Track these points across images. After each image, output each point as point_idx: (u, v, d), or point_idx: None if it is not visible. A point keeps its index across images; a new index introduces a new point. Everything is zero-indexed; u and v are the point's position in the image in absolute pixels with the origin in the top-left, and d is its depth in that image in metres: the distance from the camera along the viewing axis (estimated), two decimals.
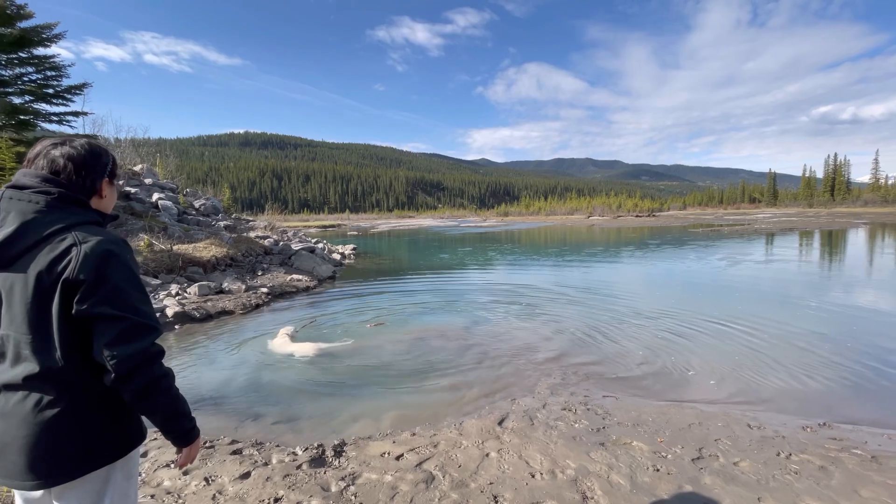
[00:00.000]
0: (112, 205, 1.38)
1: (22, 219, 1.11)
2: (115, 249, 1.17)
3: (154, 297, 7.87)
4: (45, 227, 1.12)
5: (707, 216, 72.48)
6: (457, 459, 2.97)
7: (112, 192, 1.36)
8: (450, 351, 5.63)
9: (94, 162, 1.26)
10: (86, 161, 1.24)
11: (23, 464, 1.11)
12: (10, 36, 9.12)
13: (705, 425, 3.48)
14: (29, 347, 1.11)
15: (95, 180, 1.27)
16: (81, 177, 1.23)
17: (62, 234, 1.13)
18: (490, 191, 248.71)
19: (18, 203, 1.13)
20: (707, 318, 6.89)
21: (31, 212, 1.12)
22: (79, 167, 1.23)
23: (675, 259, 15.80)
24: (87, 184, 1.25)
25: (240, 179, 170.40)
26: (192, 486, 2.70)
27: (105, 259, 1.13)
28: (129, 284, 1.17)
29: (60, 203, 1.17)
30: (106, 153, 1.32)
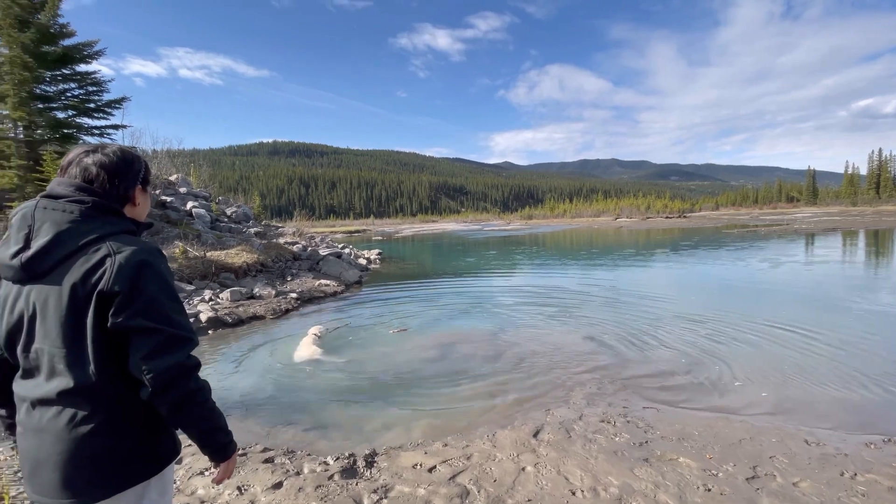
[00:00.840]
0: (146, 212, 1.35)
1: (56, 229, 1.09)
2: (150, 259, 1.14)
3: (188, 302, 8.07)
4: (79, 238, 1.10)
5: (742, 216, 69.78)
6: (491, 473, 2.86)
7: (145, 199, 1.33)
8: (478, 357, 5.52)
9: (126, 169, 1.23)
10: (118, 168, 1.21)
11: (57, 481, 1.09)
12: (53, 54, 9.61)
13: (757, 441, 3.25)
14: (63, 361, 1.08)
15: (128, 188, 1.24)
16: (115, 185, 1.20)
17: (96, 245, 1.10)
18: (513, 194, 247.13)
19: (53, 213, 1.10)
20: (752, 324, 6.53)
21: (66, 222, 1.10)
22: (112, 175, 1.19)
23: (711, 261, 15.20)
24: (120, 192, 1.21)
25: (269, 187, 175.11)
26: (226, 495, 2.68)
27: (140, 269, 1.10)
28: (164, 295, 1.14)
29: (95, 212, 1.14)
30: (138, 160, 1.29)
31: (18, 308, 1.11)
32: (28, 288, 1.10)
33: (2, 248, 1.12)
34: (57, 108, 10.18)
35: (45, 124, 9.80)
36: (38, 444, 1.10)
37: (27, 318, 1.10)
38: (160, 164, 18.33)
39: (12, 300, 1.12)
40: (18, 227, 1.11)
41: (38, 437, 1.10)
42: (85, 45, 10.22)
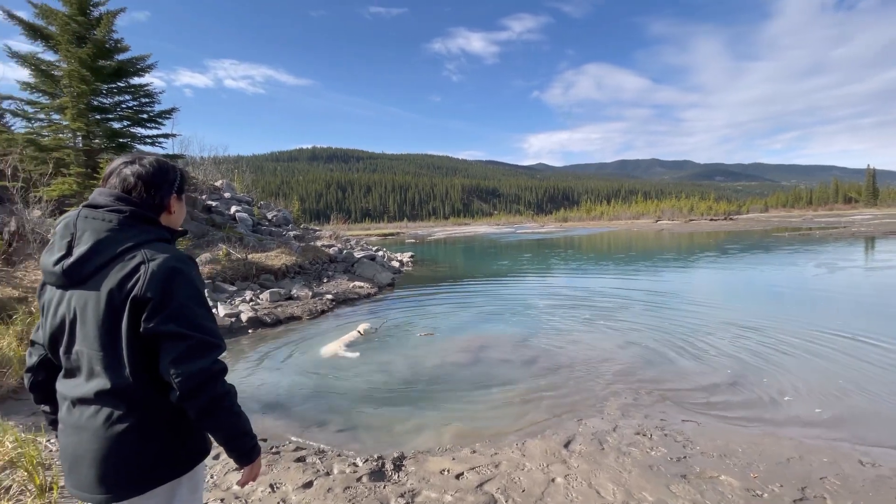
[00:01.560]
0: (181, 220, 1.40)
1: (96, 237, 1.15)
2: (181, 267, 1.18)
3: (230, 303, 8.42)
4: (117, 246, 1.15)
5: (793, 218, 65.74)
6: (520, 483, 2.80)
7: (180, 207, 1.38)
8: (509, 363, 5.45)
9: (161, 179, 1.29)
10: (154, 178, 1.27)
11: (94, 477, 1.14)
12: (109, 67, 10.28)
13: (807, 460, 3.03)
14: (101, 364, 1.14)
15: (164, 197, 1.30)
16: (151, 195, 1.26)
17: (132, 252, 1.16)
18: (548, 196, 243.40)
19: (93, 222, 1.17)
20: (805, 333, 6.12)
21: (105, 230, 1.16)
22: (148, 185, 1.26)
23: (760, 265, 14.39)
24: (156, 201, 1.27)
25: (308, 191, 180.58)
26: (259, 491, 2.76)
27: (171, 277, 1.15)
28: (193, 302, 1.18)
29: (132, 221, 1.20)
30: (173, 169, 1.35)
31: (61, 312, 1.17)
32: (70, 293, 1.16)
33: (46, 255, 1.18)
34: (112, 119, 10.90)
35: (101, 134, 10.51)
36: (77, 441, 1.16)
37: (69, 321, 1.16)
38: (206, 171, 19.28)
39: (55, 304, 1.19)
40: (62, 235, 1.18)
41: (78, 434, 1.16)
42: (138, 59, 10.89)
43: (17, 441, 2.80)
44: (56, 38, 9.85)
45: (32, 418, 3.74)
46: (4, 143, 10.24)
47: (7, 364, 4.33)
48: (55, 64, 10.10)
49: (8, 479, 2.61)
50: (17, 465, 2.68)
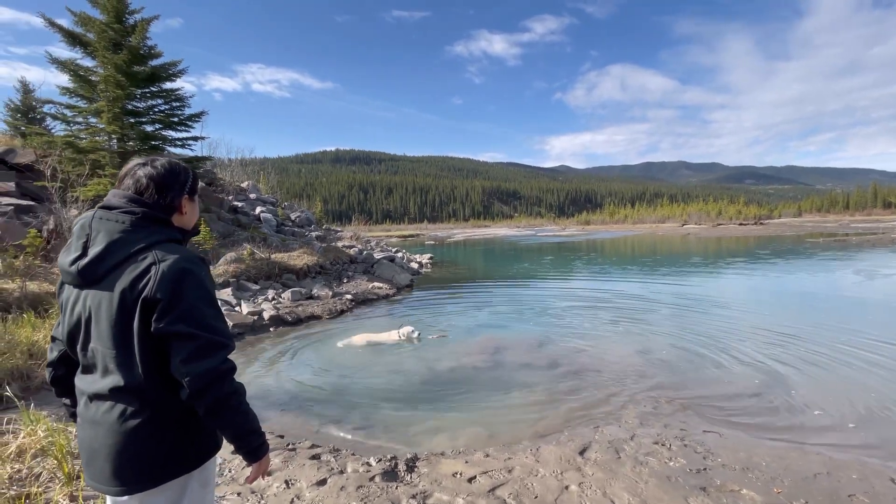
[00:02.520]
0: (193, 220, 1.43)
1: (109, 238, 1.19)
2: (191, 268, 1.21)
3: (253, 301, 8.61)
4: (129, 246, 1.19)
5: (829, 224, 63.12)
6: (533, 489, 2.77)
7: (192, 207, 1.41)
8: (526, 367, 5.40)
9: (173, 181, 1.32)
10: (165, 180, 1.30)
11: (109, 470, 1.18)
12: (143, 73, 10.71)
13: (835, 476, 2.90)
14: (114, 361, 1.17)
15: (175, 198, 1.32)
16: (163, 195, 1.29)
17: (144, 253, 1.19)
18: (570, 198, 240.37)
19: (107, 223, 1.20)
20: (840, 345, 5.85)
21: (118, 231, 1.19)
22: (160, 186, 1.29)
23: (792, 271, 13.86)
24: (167, 202, 1.30)
25: (331, 193, 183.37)
26: (274, 487, 2.82)
27: (181, 278, 1.17)
28: (203, 302, 1.21)
29: (144, 222, 1.23)
30: (185, 171, 1.37)
31: (77, 310, 1.22)
32: (85, 292, 1.21)
33: (63, 255, 1.23)
34: (146, 122, 11.34)
35: (135, 136, 10.95)
36: (94, 435, 1.20)
37: (84, 319, 1.21)
38: (233, 172, 19.81)
39: (72, 303, 1.23)
40: (78, 236, 1.22)
41: (94, 428, 1.20)
42: (170, 64, 11.30)
43: (48, 430, 2.93)
44: (94, 44, 10.31)
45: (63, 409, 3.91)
46: (45, 145, 10.77)
47: (42, 356, 4.54)
48: (93, 70, 10.57)
49: (38, 467, 2.73)
50: (48, 454, 2.80)
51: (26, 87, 15.51)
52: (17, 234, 7.66)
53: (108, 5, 10.39)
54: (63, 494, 2.49)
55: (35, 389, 4.26)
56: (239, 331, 7.20)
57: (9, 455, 2.77)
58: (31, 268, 7.14)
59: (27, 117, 14.81)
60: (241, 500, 2.67)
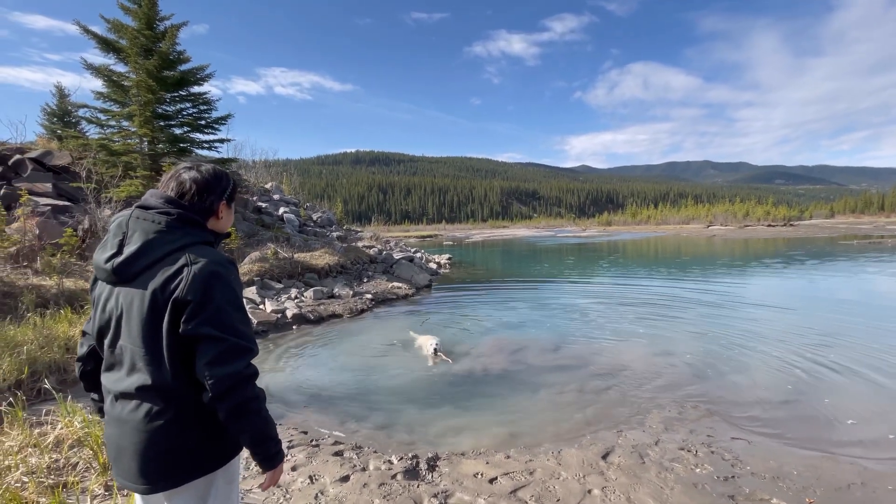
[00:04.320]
0: (227, 225, 1.47)
1: (144, 238, 1.21)
2: (221, 271, 1.23)
3: (277, 299, 8.78)
4: (164, 247, 1.22)
5: (863, 225, 60.59)
6: (555, 492, 2.75)
7: (229, 213, 1.45)
8: (547, 369, 5.36)
9: (215, 185, 1.36)
10: (209, 184, 1.35)
11: (136, 468, 1.21)
12: (172, 78, 11.08)
13: (870, 487, 2.79)
14: (142, 360, 1.19)
15: (214, 202, 1.36)
16: (203, 198, 1.33)
17: (177, 254, 1.22)
18: (590, 199, 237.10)
19: (143, 223, 1.23)
20: (877, 352, 5.61)
21: (153, 231, 1.22)
22: (202, 189, 1.33)
23: (825, 274, 13.36)
24: (206, 205, 1.34)
25: (351, 194, 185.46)
26: (298, 482, 2.87)
27: (211, 281, 1.19)
28: (231, 306, 1.22)
29: (179, 223, 1.26)
30: (227, 178, 1.42)
31: (109, 307, 1.25)
32: (118, 289, 1.23)
33: (99, 252, 1.26)
34: (175, 125, 11.71)
35: (164, 139, 11.33)
36: (120, 433, 1.23)
37: (115, 316, 1.23)
38: (257, 174, 20.25)
39: (104, 299, 1.26)
40: (115, 234, 1.25)
41: (120, 426, 1.23)
42: (198, 69, 11.64)
43: (84, 422, 3.05)
44: (126, 50, 10.70)
45: None
46: (80, 147, 11.23)
47: None
48: (125, 75, 10.97)
49: (76, 457, 2.85)
50: (84, 444, 2.92)
51: (62, 92, 16.19)
52: (54, 233, 8.01)
53: (140, 12, 10.77)
54: (98, 484, 2.60)
55: (72, 382, 4.44)
56: (263, 328, 7.35)
57: (47, 445, 2.90)
58: (67, 265, 7.45)
59: (63, 121, 15.46)
60: (266, 493, 2.72)
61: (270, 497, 2.69)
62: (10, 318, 5.42)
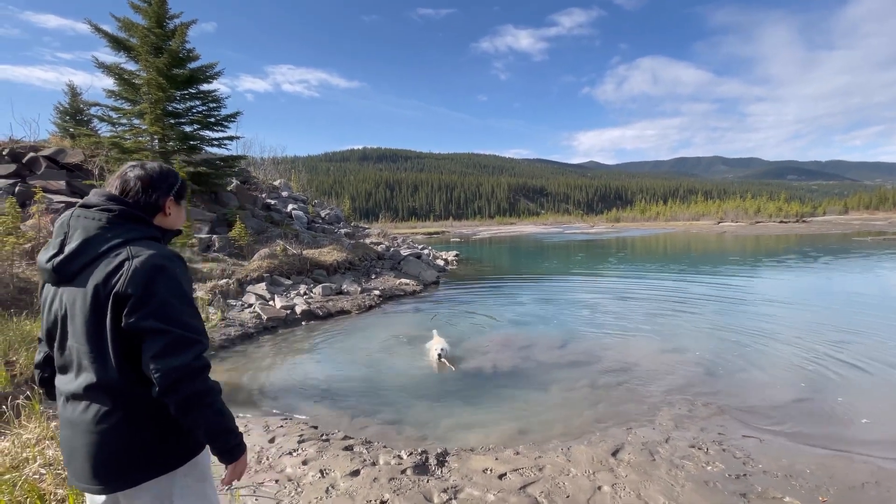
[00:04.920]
0: (179, 222, 1.44)
1: (85, 235, 1.19)
2: (165, 264, 1.19)
3: (286, 295, 8.85)
4: (104, 243, 1.19)
5: (878, 221, 59.54)
6: (564, 488, 2.75)
7: (178, 210, 1.42)
8: (556, 366, 5.35)
9: (160, 181, 1.34)
10: (153, 180, 1.32)
11: (88, 470, 1.18)
12: (182, 76, 11.16)
13: (885, 486, 2.76)
14: (88, 358, 1.16)
15: (160, 198, 1.34)
16: (147, 194, 1.31)
17: (119, 249, 1.19)
18: (598, 195, 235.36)
19: (84, 220, 1.21)
20: (889, 350, 5.54)
21: (94, 228, 1.20)
22: (146, 186, 1.31)
23: (839, 271, 13.16)
24: (151, 201, 1.32)
25: (358, 191, 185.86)
26: (310, 476, 2.90)
27: (153, 273, 1.16)
28: (176, 298, 1.19)
29: (121, 220, 1.23)
30: (174, 175, 1.40)
31: (55, 308, 1.23)
32: (62, 289, 1.21)
33: (42, 253, 1.24)
34: (185, 123, 11.81)
35: (175, 137, 11.43)
36: (72, 435, 1.20)
37: (60, 317, 1.21)
38: (266, 171, 20.39)
39: (50, 301, 1.24)
40: (56, 234, 1.23)
41: (72, 428, 1.20)
42: (207, 67, 11.71)
43: None
44: (137, 49, 10.79)
45: None
46: (93, 145, 11.37)
47: None
48: (136, 73, 11.07)
49: None
50: None
51: (74, 90, 16.35)
52: None
53: (150, 11, 10.85)
54: None
55: None
56: (272, 324, 7.42)
57: None
58: None
59: (75, 119, 15.63)
60: (278, 487, 2.76)
61: (283, 490, 2.72)
62: (27, 314, 5.52)
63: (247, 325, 7.09)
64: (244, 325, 7.03)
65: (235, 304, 8.02)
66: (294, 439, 3.41)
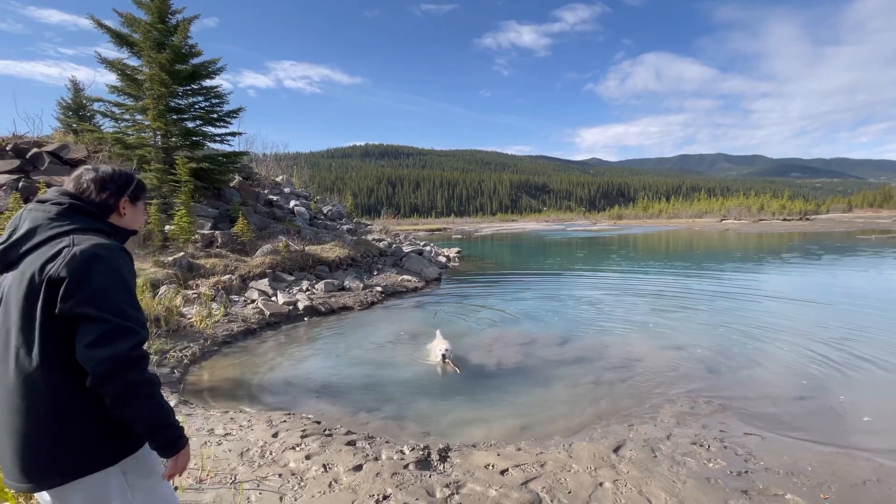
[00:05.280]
0: (136, 223, 1.45)
1: (31, 224, 1.20)
2: (105, 253, 1.17)
3: (289, 291, 8.88)
4: (49, 231, 1.19)
5: (882, 220, 59.23)
6: (566, 484, 2.76)
7: (134, 210, 1.42)
8: (558, 363, 5.36)
9: (112, 182, 1.36)
10: (105, 181, 1.34)
11: (16, 465, 1.13)
12: (184, 71, 11.15)
13: (886, 483, 2.76)
14: (16, 346, 1.12)
15: (112, 196, 1.35)
16: (99, 193, 1.33)
17: (62, 238, 1.18)
18: (601, 192, 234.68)
19: (34, 213, 1.24)
20: (892, 348, 5.53)
21: (42, 219, 1.21)
22: (99, 186, 1.33)
23: (842, 269, 13.11)
24: (104, 199, 1.33)
25: (360, 187, 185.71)
26: (313, 470, 2.92)
27: (92, 260, 1.13)
28: (115, 287, 1.16)
29: (69, 212, 1.24)
30: (129, 176, 1.42)
31: None
32: (5, 276, 1.21)
33: None
34: (187, 119, 11.81)
35: (177, 133, 11.43)
36: (0, 429, 1.14)
37: (3, 304, 1.18)
38: (269, 167, 20.37)
39: None
40: (9, 226, 1.25)
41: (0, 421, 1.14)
42: (209, 62, 11.70)
43: None
44: (139, 44, 10.79)
45: None
46: (96, 141, 11.39)
47: None
48: (138, 69, 11.07)
49: None
50: None
51: (76, 86, 16.37)
52: None
53: (152, 6, 10.84)
54: None
55: None
56: (275, 320, 7.45)
57: None
58: None
59: (78, 115, 15.66)
60: (282, 481, 2.78)
61: (286, 484, 2.74)
62: None
63: (249, 320, 7.12)
64: (247, 321, 7.06)
65: (238, 299, 8.04)
66: (297, 434, 3.43)
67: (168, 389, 4.46)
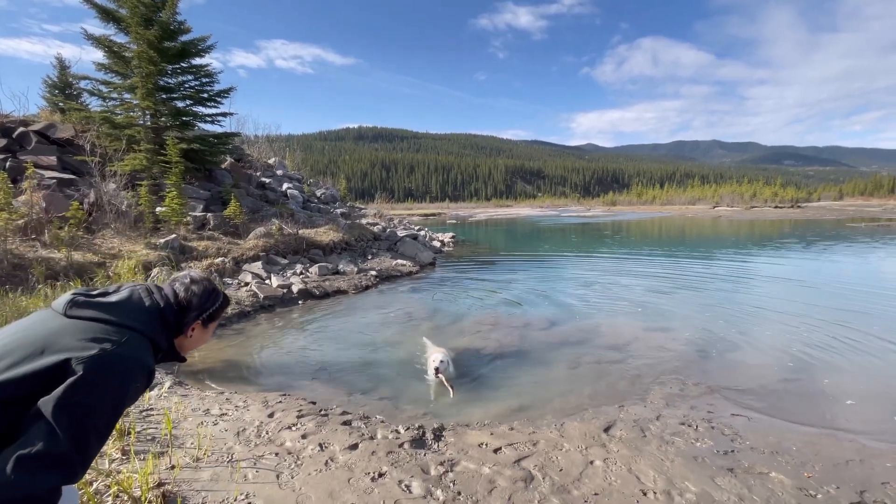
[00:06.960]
0: (195, 347, 1.52)
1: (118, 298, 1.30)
2: (130, 374, 1.15)
3: (283, 274, 8.85)
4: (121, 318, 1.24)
5: (872, 208, 59.96)
6: (557, 462, 2.83)
7: (202, 334, 1.50)
8: (548, 345, 5.42)
9: (210, 303, 1.48)
10: (204, 301, 1.47)
11: None
12: (173, 49, 10.85)
13: (868, 464, 2.85)
14: None
15: (193, 313, 1.44)
16: (189, 312, 1.43)
17: (121, 331, 1.20)
18: (595, 178, 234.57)
19: (135, 289, 1.34)
20: (879, 334, 5.64)
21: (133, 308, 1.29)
22: (199, 302, 1.46)
23: (830, 256, 13.30)
24: (187, 319, 1.43)
25: (354, 170, 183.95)
26: (309, 449, 2.95)
27: (113, 371, 1.11)
28: (103, 409, 1.09)
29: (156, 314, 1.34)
30: (217, 296, 1.50)
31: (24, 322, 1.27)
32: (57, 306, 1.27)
33: None
34: (177, 98, 11.55)
35: (167, 112, 11.19)
36: None
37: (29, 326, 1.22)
38: (260, 149, 20.07)
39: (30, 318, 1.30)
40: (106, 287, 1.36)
41: None
42: (199, 40, 11.39)
43: None
44: (126, 20, 10.46)
45: None
46: (83, 120, 11.13)
47: None
48: (126, 45, 10.76)
49: None
50: None
51: (62, 63, 15.91)
52: (61, 206, 8.03)
53: None
54: (116, 448, 2.69)
55: None
56: (269, 303, 7.44)
57: None
58: (75, 238, 7.51)
59: (64, 93, 15.26)
60: (278, 459, 2.81)
61: (282, 463, 2.77)
62: (22, 290, 5.50)
63: (243, 303, 7.11)
64: (241, 304, 7.05)
65: (231, 282, 8.01)
66: (293, 414, 3.46)
67: (163, 371, 4.47)
